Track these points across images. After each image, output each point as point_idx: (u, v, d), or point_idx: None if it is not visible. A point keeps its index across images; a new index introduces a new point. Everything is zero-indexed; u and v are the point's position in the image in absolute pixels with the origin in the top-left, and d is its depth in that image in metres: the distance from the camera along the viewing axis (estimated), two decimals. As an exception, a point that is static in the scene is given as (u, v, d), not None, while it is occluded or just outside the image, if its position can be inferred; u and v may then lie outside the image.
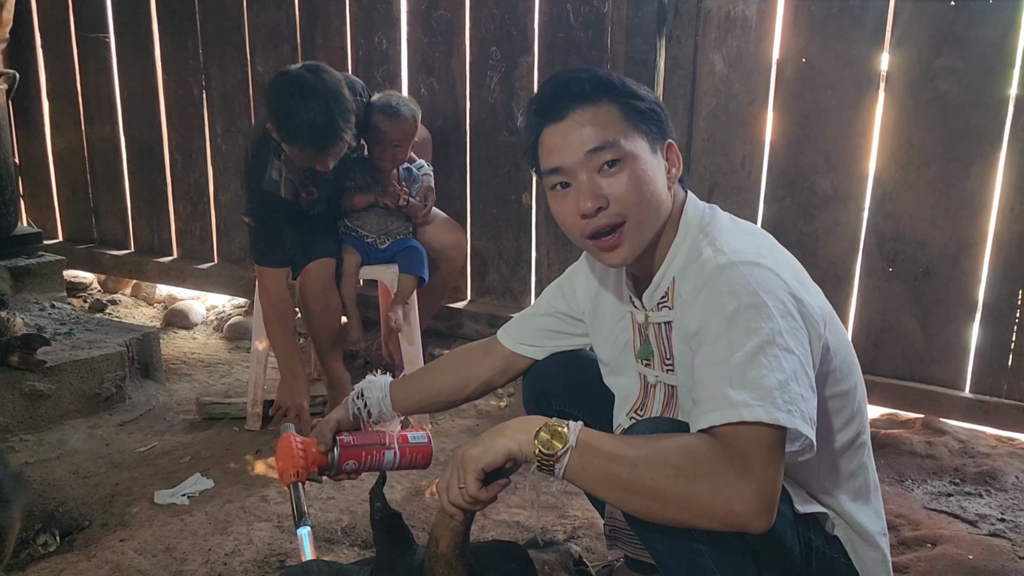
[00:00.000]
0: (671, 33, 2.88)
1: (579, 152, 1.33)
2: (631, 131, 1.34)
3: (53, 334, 3.05)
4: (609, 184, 1.33)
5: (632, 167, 1.33)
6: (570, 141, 1.34)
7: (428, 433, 1.70)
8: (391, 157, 2.76)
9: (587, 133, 1.33)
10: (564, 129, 1.35)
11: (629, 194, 1.33)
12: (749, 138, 2.87)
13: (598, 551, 2.04)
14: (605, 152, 1.32)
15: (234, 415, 2.91)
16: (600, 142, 1.32)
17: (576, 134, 1.33)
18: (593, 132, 1.33)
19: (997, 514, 2.25)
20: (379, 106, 2.74)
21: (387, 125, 2.72)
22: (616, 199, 1.33)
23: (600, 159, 1.33)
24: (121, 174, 4.13)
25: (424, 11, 3.29)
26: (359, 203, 2.80)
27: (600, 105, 1.34)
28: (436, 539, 1.33)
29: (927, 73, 2.59)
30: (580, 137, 1.33)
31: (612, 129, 1.33)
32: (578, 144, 1.33)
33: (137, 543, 2.08)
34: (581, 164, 1.34)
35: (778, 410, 1.15)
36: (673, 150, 1.40)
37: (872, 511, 1.48)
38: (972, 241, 2.64)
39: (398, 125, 2.72)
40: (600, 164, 1.33)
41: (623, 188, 1.33)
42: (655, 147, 1.37)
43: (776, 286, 1.25)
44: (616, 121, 1.33)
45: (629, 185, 1.33)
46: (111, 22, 3.96)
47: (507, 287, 3.39)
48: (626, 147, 1.33)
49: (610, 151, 1.32)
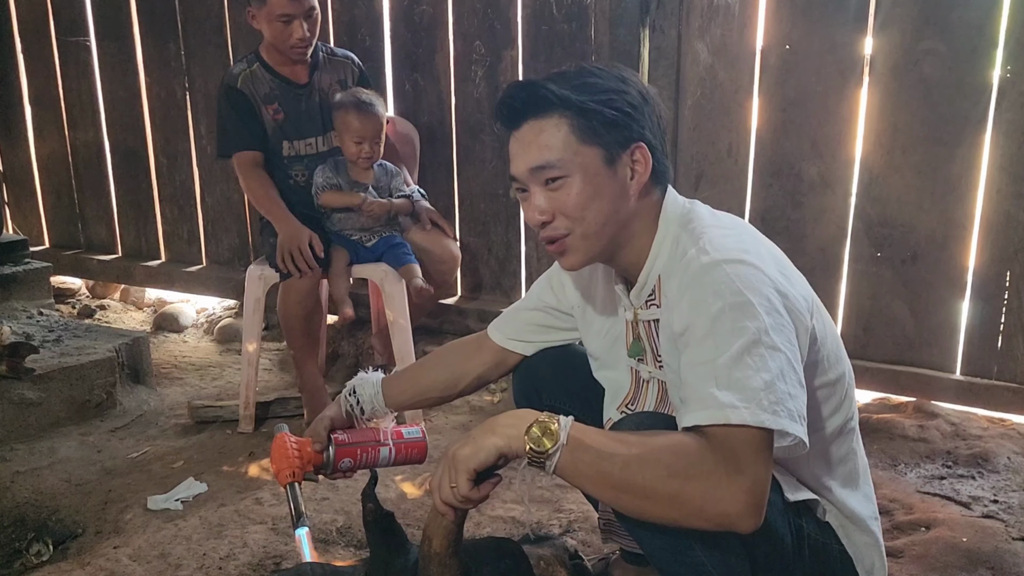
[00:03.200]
0: (654, 23, 2.87)
1: (524, 168, 1.36)
2: (580, 145, 1.33)
3: (41, 342, 3.04)
4: (552, 199, 1.35)
5: (577, 184, 1.33)
6: (519, 155, 1.37)
7: (422, 428, 1.70)
8: (367, 154, 2.75)
9: (532, 151, 1.34)
10: (519, 140, 1.37)
11: (572, 210, 1.34)
12: (735, 126, 2.87)
13: (594, 544, 2.04)
14: (547, 170, 1.34)
15: (226, 418, 2.90)
16: (541, 161, 1.34)
17: (524, 149, 1.36)
18: (537, 151, 1.34)
19: (990, 496, 2.26)
20: (349, 102, 2.73)
21: (359, 119, 2.71)
22: (560, 214, 1.35)
23: (543, 175, 1.35)
24: (106, 178, 4.11)
25: (407, 7, 3.27)
26: (334, 202, 2.78)
27: (550, 118, 1.33)
28: (429, 538, 1.33)
29: (911, 56, 2.59)
30: (527, 153, 1.35)
31: (556, 148, 1.33)
32: (523, 160, 1.36)
33: (131, 550, 2.07)
34: (528, 178, 1.36)
35: (764, 412, 1.15)
36: (641, 152, 1.36)
37: (862, 496, 1.48)
38: (959, 224, 2.64)
39: (370, 120, 2.72)
40: (543, 180, 1.35)
41: (564, 204, 1.34)
42: (613, 155, 1.34)
43: (761, 282, 1.24)
44: (563, 137, 1.32)
45: (572, 201, 1.34)
46: (91, 25, 3.93)
47: (497, 282, 3.39)
48: (570, 164, 1.33)
49: (552, 170, 1.33)
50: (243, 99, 2.76)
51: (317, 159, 2.85)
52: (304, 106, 2.83)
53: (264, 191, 2.77)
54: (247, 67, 2.79)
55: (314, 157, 2.85)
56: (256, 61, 2.80)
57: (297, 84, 2.83)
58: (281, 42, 2.72)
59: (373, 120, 2.72)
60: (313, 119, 2.83)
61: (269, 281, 2.80)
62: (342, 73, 2.92)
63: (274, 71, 2.80)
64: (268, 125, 2.80)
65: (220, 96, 2.82)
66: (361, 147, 2.73)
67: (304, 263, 2.61)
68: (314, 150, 2.85)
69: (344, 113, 2.73)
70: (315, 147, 2.85)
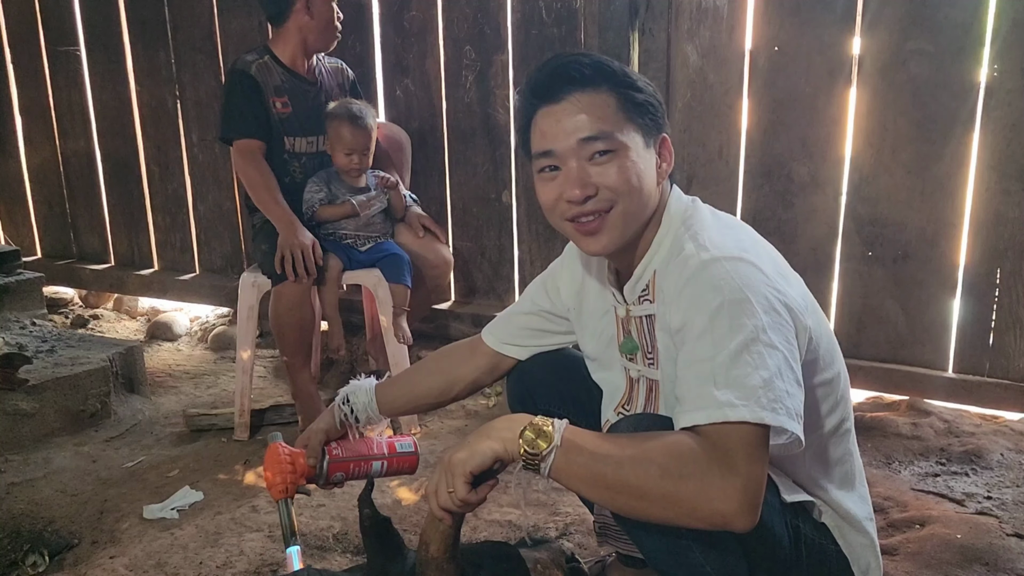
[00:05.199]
0: (644, 26, 2.88)
1: (572, 138, 1.32)
2: (626, 123, 1.33)
3: (35, 352, 3.03)
4: (599, 173, 1.32)
5: (623, 159, 1.32)
6: (564, 126, 1.32)
7: (414, 440, 1.71)
8: (357, 164, 2.77)
9: (582, 120, 1.31)
10: (559, 113, 1.33)
11: (620, 184, 1.32)
12: (725, 128, 2.88)
13: (590, 547, 2.04)
14: (598, 142, 1.32)
15: (221, 426, 2.89)
16: (595, 131, 1.31)
17: (571, 120, 1.32)
18: (588, 120, 1.31)
19: (983, 492, 2.27)
20: (342, 113, 2.75)
21: (351, 132, 2.73)
22: (605, 187, 1.33)
23: (592, 148, 1.32)
24: (98, 188, 4.10)
25: (396, 12, 3.28)
26: (332, 215, 2.80)
27: (599, 93, 1.32)
28: (426, 543, 1.33)
29: (899, 56, 2.61)
30: (574, 123, 1.32)
31: (608, 119, 1.32)
32: (572, 130, 1.32)
33: (128, 559, 2.07)
34: (572, 151, 1.33)
35: (763, 409, 1.16)
36: (666, 145, 1.39)
37: (858, 496, 1.49)
38: (949, 222, 2.66)
39: (361, 132, 2.74)
40: (592, 153, 1.32)
41: (613, 178, 1.32)
42: (649, 141, 1.35)
43: (759, 281, 1.25)
44: (612, 111, 1.32)
45: (619, 176, 1.32)
46: (81, 34, 3.93)
47: (491, 286, 3.39)
48: (620, 139, 1.32)
49: (603, 141, 1.31)
50: (255, 86, 2.77)
51: (315, 158, 2.87)
52: (311, 103, 2.86)
53: (265, 183, 2.74)
54: (259, 57, 2.81)
55: (312, 156, 2.87)
56: (267, 54, 2.83)
57: (308, 80, 2.87)
58: (331, 27, 2.83)
59: (364, 133, 2.74)
60: (318, 117, 2.85)
61: (262, 288, 2.80)
62: (339, 77, 3.00)
63: (284, 66, 2.83)
64: (273, 117, 2.81)
65: (230, 81, 2.82)
66: (351, 158, 2.76)
67: (303, 267, 2.60)
68: (314, 148, 2.87)
69: (337, 124, 2.74)
70: (315, 146, 2.87)
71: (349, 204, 2.78)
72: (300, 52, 2.84)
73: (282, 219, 2.68)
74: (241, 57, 2.84)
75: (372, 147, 2.79)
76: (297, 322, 2.68)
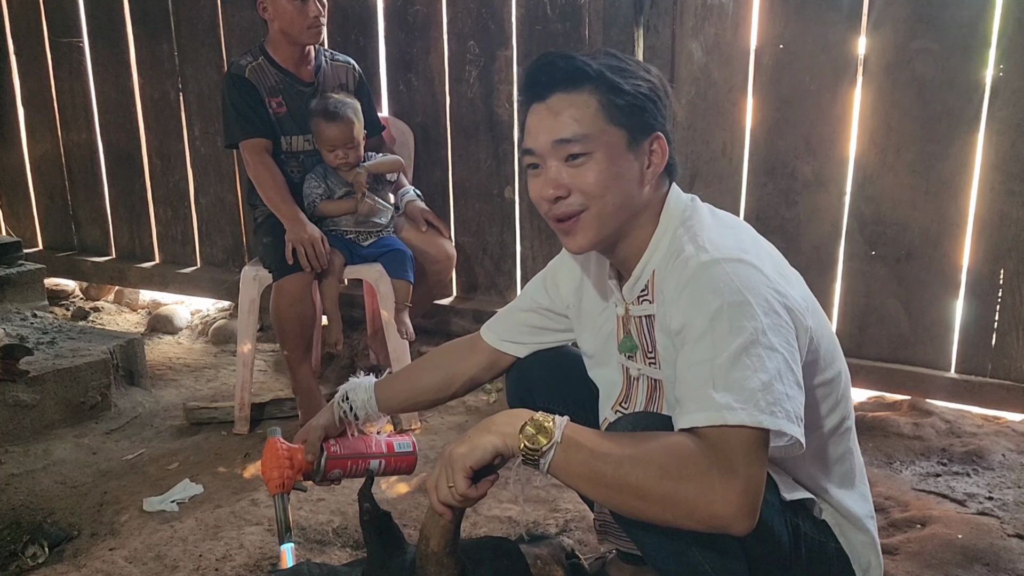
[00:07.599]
0: (648, 22, 2.88)
1: (548, 139, 1.33)
2: (607, 125, 1.32)
3: (35, 344, 3.02)
4: (573, 175, 1.33)
5: (600, 162, 1.32)
6: (544, 126, 1.34)
7: (413, 440, 1.71)
8: (344, 159, 2.76)
9: (559, 122, 1.32)
10: (542, 112, 1.34)
11: (591, 188, 1.33)
12: (729, 125, 2.87)
13: (590, 544, 2.04)
14: (572, 145, 1.32)
15: (221, 419, 2.89)
16: (569, 134, 1.32)
17: (549, 121, 1.33)
18: (564, 123, 1.32)
19: (985, 493, 2.27)
20: (318, 110, 2.75)
21: (327, 128, 2.73)
22: (578, 191, 1.33)
23: (567, 150, 1.32)
24: (100, 180, 4.10)
25: (400, 7, 3.27)
26: (333, 211, 2.80)
27: (580, 94, 1.32)
28: (426, 538, 1.32)
29: (904, 55, 2.60)
30: (552, 124, 1.33)
31: (585, 122, 1.32)
32: (548, 131, 1.33)
33: (127, 552, 2.07)
34: (550, 151, 1.34)
35: (761, 412, 1.15)
36: (660, 144, 1.37)
37: (858, 495, 1.49)
38: (953, 222, 2.65)
39: (337, 127, 2.73)
40: (566, 155, 1.33)
41: (584, 181, 1.32)
42: (635, 141, 1.34)
43: (759, 282, 1.24)
44: (592, 113, 1.32)
45: (593, 179, 1.32)
46: (84, 26, 3.92)
47: (492, 282, 3.39)
48: (597, 142, 1.32)
49: (578, 144, 1.32)
50: (251, 88, 2.78)
51: (312, 156, 2.86)
52: (307, 102, 2.85)
53: (274, 181, 2.76)
54: (253, 60, 2.82)
55: (310, 154, 2.87)
56: (261, 55, 2.82)
57: (302, 81, 2.86)
58: (297, 24, 2.75)
59: (341, 127, 2.73)
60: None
61: (263, 282, 2.80)
62: (343, 77, 2.96)
63: (279, 66, 2.83)
64: (270, 117, 2.81)
65: (226, 86, 2.82)
66: (335, 154, 2.76)
67: (315, 258, 2.63)
68: (311, 147, 2.86)
69: (315, 123, 2.76)
70: (312, 144, 2.86)
71: (353, 201, 2.78)
72: (289, 49, 2.82)
73: (289, 215, 2.70)
74: (235, 61, 2.86)
75: (357, 140, 2.77)
76: (298, 316, 2.68)
